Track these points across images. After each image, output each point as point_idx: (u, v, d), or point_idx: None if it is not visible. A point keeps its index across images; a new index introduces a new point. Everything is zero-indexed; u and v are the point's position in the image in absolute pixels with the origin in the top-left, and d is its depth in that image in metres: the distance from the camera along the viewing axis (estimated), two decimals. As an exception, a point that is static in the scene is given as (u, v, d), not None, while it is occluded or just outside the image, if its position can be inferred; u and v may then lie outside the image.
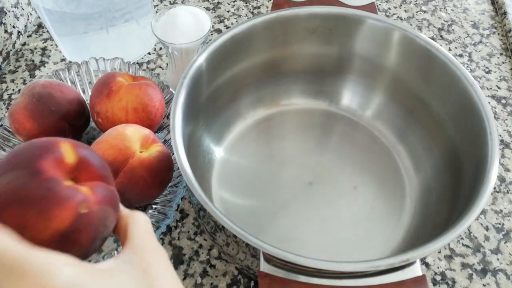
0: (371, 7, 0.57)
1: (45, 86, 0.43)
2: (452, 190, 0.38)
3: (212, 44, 0.40)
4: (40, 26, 0.64)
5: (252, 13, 0.66)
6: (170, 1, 0.68)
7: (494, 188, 0.48)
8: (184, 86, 0.37)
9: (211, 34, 0.63)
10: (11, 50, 0.60)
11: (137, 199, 0.39)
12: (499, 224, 0.46)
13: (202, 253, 0.42)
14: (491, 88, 0.59)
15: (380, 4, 0.70)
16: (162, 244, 0.42)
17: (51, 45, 0.61)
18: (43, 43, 0.62)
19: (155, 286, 0.20)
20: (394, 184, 0.45)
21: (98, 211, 0.21)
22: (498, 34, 0.67)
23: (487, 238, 0.44)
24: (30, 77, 0.57)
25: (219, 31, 0.64)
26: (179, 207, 0.45)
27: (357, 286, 0.28)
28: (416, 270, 0.28)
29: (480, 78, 0.60)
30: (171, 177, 0.41)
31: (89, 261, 0.40)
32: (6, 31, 0.58)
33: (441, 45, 0.53)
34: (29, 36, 0.62)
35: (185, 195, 0.46)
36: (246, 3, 0.68)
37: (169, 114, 0.47)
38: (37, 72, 0.58)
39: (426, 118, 0.44)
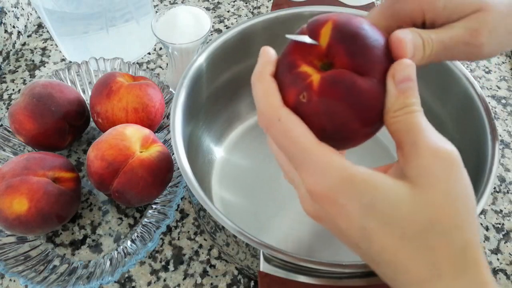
0: (371, 7, 0.57)
1: (45, 86, 0.43)
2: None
3: (212, 44, 0.40)
4: (40, 26, 0.64)
5: (252, 13, 0.66)
6: (170, 1, 0.68)
7: (494, 188, 0.48)
8: (184, 86, 0.37)
9: (211, 34, 0.63)
10: (11, 50, 0.60)
11: (137, 199, 0.39)
12: (499, 224, 0.46)
13: (202, 253, 0.42)
14: (491, 88, 0.59)
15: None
16: (162, 244, 0.42)
17: (51, 45, 0.61)
18: (43, 43, 0.62)
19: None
20: (394, 184, 0.45)
21: (319, 103, 0.21)
22: (498, 34, 0.67)
23: (487, 238, 0.44)
24: (30, 77, 0.57)
25: (219, 31, 0.64)
26: (179, 207, 0.45)
27: (357, 286, 0.28)
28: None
29: (480, 78, 0.60)
30: (171, 177, 0.41)
31: (89, 261, 0.40)
32: (6, 31, 0.58)
33: (441, 45, 0.53)
34: (29, 36, 0.62)
35: (185, 195, 0.46)
36: (246, 3, 0.68)
37: (169, 114, 0.47)
38: (37, 72, 0.58)
39: (426, 118, 0.44)
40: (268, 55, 0.23)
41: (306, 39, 0.22)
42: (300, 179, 0.22)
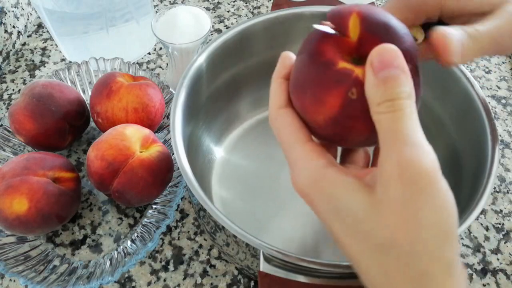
0: (371, 7, 0.57)
1: (45, 86, 0.43)
2: (452, 190, 0.38)
3: (212, 44, 0.40)
4: (40, 26, 0.64)
5: (252, 13, 0.66)
6: (170, 1, 0.68)
7: (494, 188, 0.48)
8: (184, 86, 0.37)
9: (211, 34, 0.63)
10: (11, 50, 0.60)
11: (137, 199, 0.39)
12: (499, 224, 0.46)
13: (202, 253, 0.42)
14: (491, 88, 0.59)
15: (380, 4, 0.70)
16: (162, 244, 0.42)
17: (51, 45, 0.61)
18: (43, 43, 0.61)
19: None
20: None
21: None
22: (498, 34, 0.66)
23: (487, 238, 0.44)
24: (30, 77, 0.57)
25: (219, 31, 0.64)
26: (179, 207, 0.45)
27: (357, 286, 0.28)
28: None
29: (480, 78, 0.60)
30: (171, 177, 0.41)
31: (89, 261, 0.40)
32: (6, 31, 0.58)
33: (441, 45, 0.53)
34: (29, 36, 0.62)
35: (185, 195, 0.46)
36: (246, 3, 0.68)
37: (169, 114, 0.47)
38: (37, 72, 0.58)
39: (426, 118, 0.44)
40: (284, 58, 0.23)
41: (330, 30, 0.21)
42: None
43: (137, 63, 0.59)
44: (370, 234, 0.19)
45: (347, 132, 0.21)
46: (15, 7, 0.60)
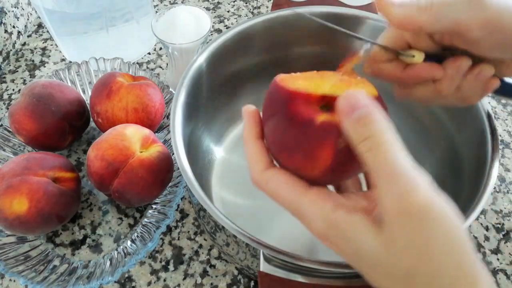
0: (371, 7, 0.57)
1: (45, 86, 0.43)
2: (452, 190, 0.38)
3: (212, 44, 0.40)
4: (40, 26, 0.64)
5: (252, 13, 0.66)
6: (170, 1, 0.68)
7: (494, 188, 0.48)
8: (184, 86, 0.37)
9: (211, 34, 0.63)
10: (11, 50, 0.60)
11: (137, 199, 0.39)
12: (499, 224, 0.46)
13: (202, 253, 0.42)
14: (491, 88, 0.59)
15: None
16: (162, 244, 0.42)
17: (51, 45, 0.61)
18: (43, 43, 0.62)
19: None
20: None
21: None
22: (498, 34, 0.66)
23: (487, 238, 0.44)
24: (30, 77, 0.57)
25: (219, 31, 0.64)
26: (179, 207, 0.45)
27: (357, 286, 0.28)
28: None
29: (480, 78, 0.60)
30: (171, 177, 0.41)
31: (89, 261, 0.40)
32: (6, 31, 0.58)
33: (441, 45, 0.53)
34: (29, 36, 0.62)
35: (185, 195, 0.46)
36: (246, 3, 0.68)
37: (169, 114, 0.47)
38: (37, 72, 0.58)
39: (426, 118, 0.44)
40: (252, 116, 0.24)
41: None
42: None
43: (137, 63, 0.59)
44: (392, 269, 0.19)
45: (342, 174, 0.23)
46: (15, 7, 0.60)
